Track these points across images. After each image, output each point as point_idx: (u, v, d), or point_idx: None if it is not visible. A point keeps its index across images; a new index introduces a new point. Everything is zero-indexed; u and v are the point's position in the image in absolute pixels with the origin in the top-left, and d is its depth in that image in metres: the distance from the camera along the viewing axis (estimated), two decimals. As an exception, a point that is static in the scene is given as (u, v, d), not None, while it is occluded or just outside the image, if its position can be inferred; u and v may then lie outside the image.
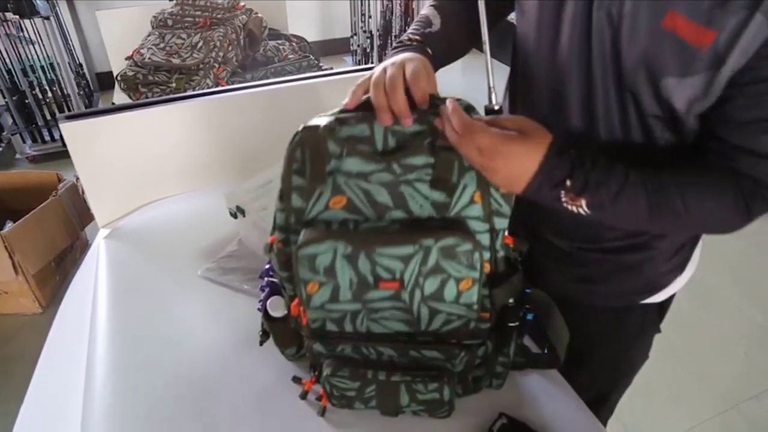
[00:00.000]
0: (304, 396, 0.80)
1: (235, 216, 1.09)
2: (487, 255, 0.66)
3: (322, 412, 0.77)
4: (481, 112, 0.68)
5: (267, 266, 0.80)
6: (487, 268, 0.67)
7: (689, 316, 2.03)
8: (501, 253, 0.68)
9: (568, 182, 0.60)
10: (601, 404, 1.01)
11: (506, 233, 0.68)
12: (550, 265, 0.87)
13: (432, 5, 0.83)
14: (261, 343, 0.84)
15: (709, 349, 1.93)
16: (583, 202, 0.61)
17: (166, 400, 0.83)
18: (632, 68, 0.62)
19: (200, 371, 0.88)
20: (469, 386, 0.76)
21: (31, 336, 1.98)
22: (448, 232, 0.63)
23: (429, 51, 0.73)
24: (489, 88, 0.67)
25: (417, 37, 0.75)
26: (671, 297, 0.91)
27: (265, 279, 0.80)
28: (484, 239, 0.66)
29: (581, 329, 0.74)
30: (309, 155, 0.65)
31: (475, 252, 0.63)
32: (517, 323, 0.71)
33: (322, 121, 0.65)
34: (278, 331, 0.81)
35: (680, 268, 0.86)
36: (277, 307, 0.78)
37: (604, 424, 1.08)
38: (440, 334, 0.69)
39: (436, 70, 0.72)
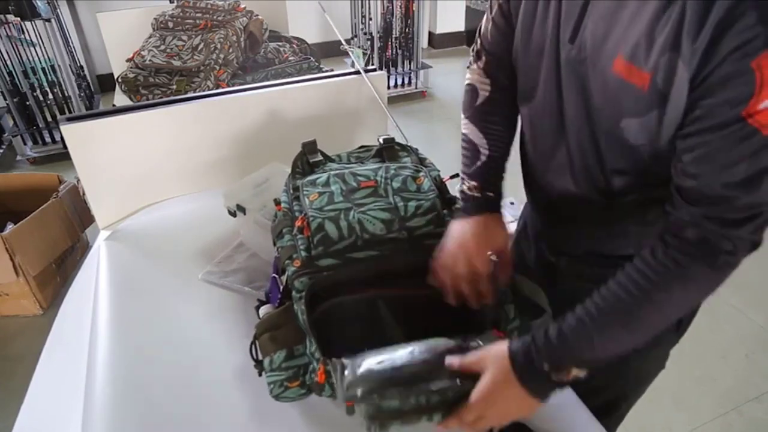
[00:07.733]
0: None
1: (234, 215, 1.09)
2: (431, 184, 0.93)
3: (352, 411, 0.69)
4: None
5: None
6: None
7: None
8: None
9: (547, 367, 0.64)
10: (610, 413, 1.00)
11: (442, 178, 0.97)
12: (570, 271, 0.89)
13: (469, 122, 0.87)
14: (260, 373, 0.81)
15: (711, 351, 1.93)
16: (574, 371, 0.65)
17: (167, 402, 0.84)
18: (599, 109, 0.66)
19: (200, 373, 0.88)
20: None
21: (32, 337, 1.98)
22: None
23: (491, 195, 0.84)
24: None
25: (476, 193, 0.84)
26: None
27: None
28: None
29: None
30: (305, 159, 0.98)
31: (418, 165, 0.97)
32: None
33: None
34: (270, 327, 0.81)
35: None
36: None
37: (611, 432, 1.06)
38: (419, 233, 0.84)
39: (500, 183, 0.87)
